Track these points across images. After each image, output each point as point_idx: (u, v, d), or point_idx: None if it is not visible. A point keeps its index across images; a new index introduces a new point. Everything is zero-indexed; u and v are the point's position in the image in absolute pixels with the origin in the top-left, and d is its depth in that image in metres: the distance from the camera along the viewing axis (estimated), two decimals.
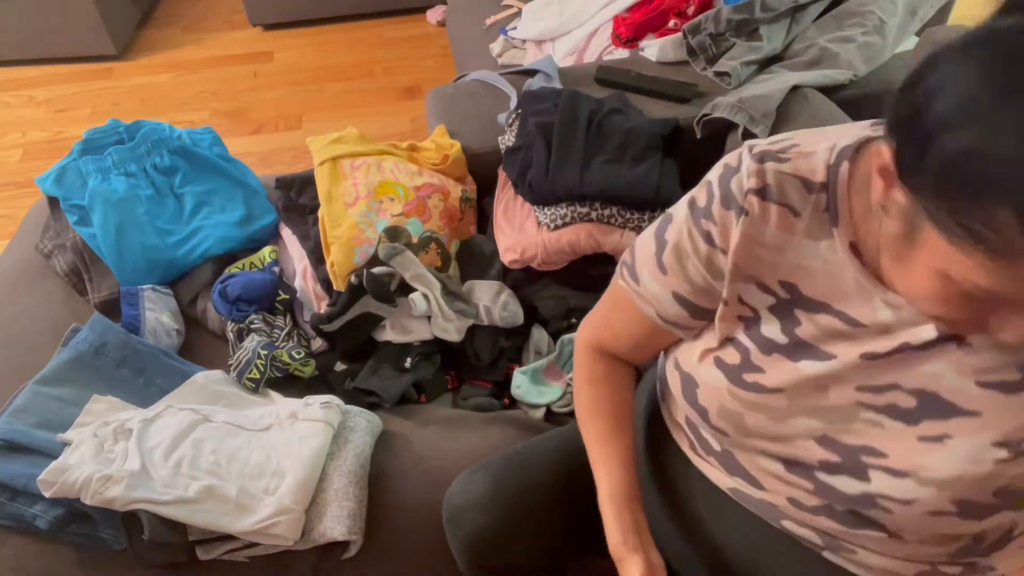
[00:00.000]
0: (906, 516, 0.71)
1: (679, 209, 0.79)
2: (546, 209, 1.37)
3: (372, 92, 2.81)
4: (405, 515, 1.09)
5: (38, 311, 1.35)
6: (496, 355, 1.31)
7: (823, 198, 0.70)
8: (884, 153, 0.59)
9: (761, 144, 0.74)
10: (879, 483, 0.71)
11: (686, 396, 0.83)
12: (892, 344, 0.69)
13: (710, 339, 0.80)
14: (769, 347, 0.75)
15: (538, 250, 1.36)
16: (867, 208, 0.69)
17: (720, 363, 0.79)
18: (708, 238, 0.75)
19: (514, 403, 1.29)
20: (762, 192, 0.71)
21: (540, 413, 1.25)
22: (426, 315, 1.26)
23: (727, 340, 0.78)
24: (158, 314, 1.31)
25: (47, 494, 0.97)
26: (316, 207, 1.43)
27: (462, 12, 2.31)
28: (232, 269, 1.39)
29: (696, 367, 0.81)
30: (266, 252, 1.41)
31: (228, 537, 1.02)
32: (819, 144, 0.72)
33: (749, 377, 0.76)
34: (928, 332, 0.68)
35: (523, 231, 1.39)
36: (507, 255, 1.39)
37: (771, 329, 0.75)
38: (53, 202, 1.44)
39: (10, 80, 2.92)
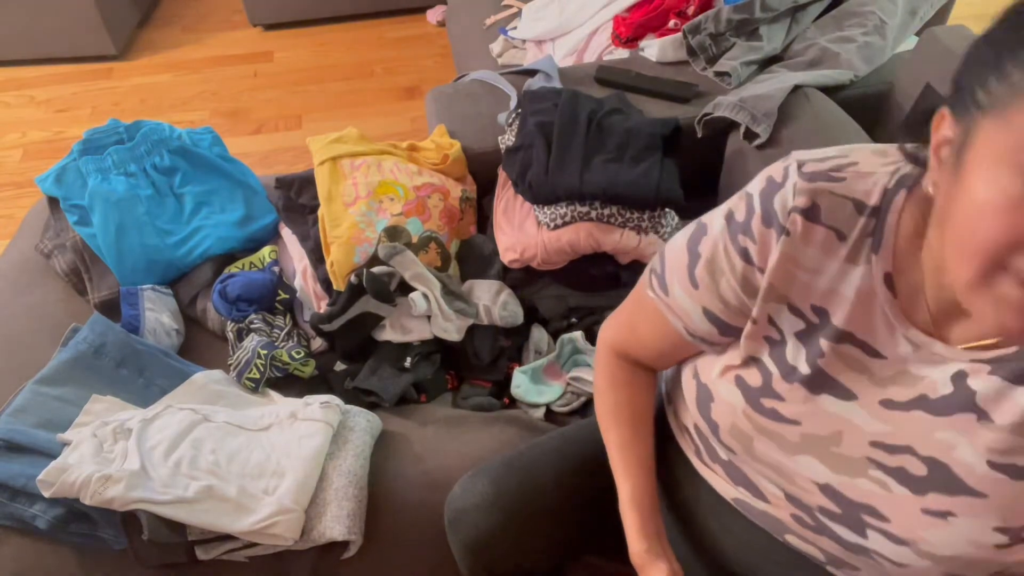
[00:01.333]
0: (897, 573, 0.71)
1: (715, 221, 0.75)
2: (546, 209, 1.37)
3: (372, 92, 2.81)
4: (405, 515, 1.09)
5: (38, 311, 1.35)
6: (496, 355, 1.31)
7: (872, 223, 0.67)
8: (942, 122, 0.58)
9: (812, 160, 0.69)
10: (875, 543, 0.70)
11: (700, 407, 0.81)
12: (911, 394, 0.67)
13: (734, 356, 0.78)
14: (792, 375, 0.73)
15: (538, 250, 1.36)
16: (915, 242, 0.66)
17: (740, 382, 0.76)
18: (745, 255, 0.72)
19: (514, 403, 1.29)
20: (809, 212, 0.68)
21: (540, 413, 1.25)
22: (426, 315, 1.26)
23: (751, 360, 0.76)
24: (158, 314, 1.31)
25: (46, 494, 0.97)
26: (316, 207, 1.43)
27: (462, 12, 2.30)
28: (232, 269, 1.39)
29: (715, 381, 0.79)
30: (266, 252, 1.41)
31: (228, 537, 1.02)
32: (879, 166, 0.68)
33: (767, 402, 0.74)
34: (946, 386, 0.66)
35: (523, 231, 1.39)
36: (507, 255, 1.39)
37: (796, 356, 0.72)
38: (53, 202, 1.44)
39: (10, 80, 2.93)
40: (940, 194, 0.60)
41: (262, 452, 1.08)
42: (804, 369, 0.72)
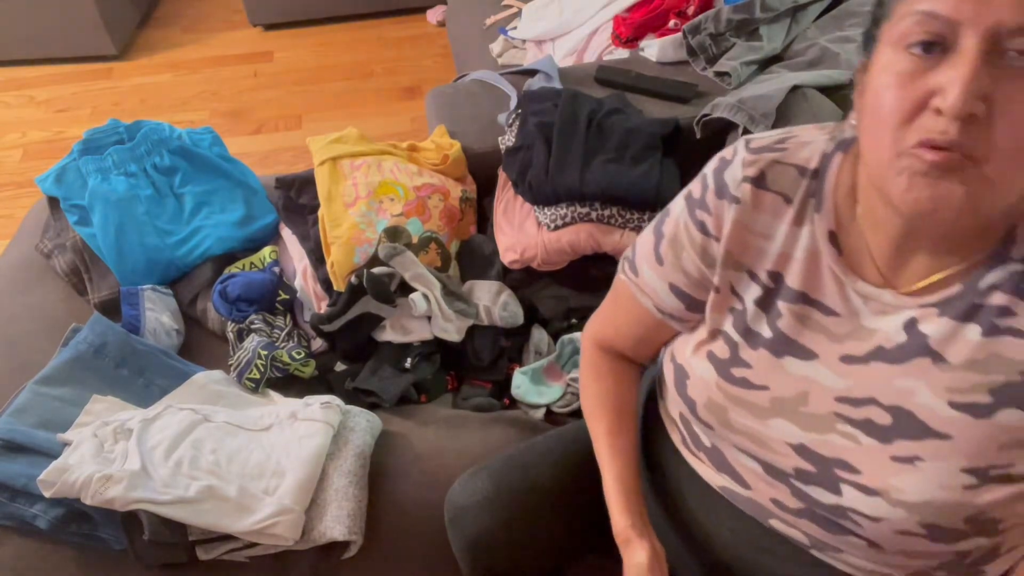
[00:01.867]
0: (876, 532, 0.71)
1: (676, 203, 0.81)
2: (546, 209, 1.37)
3: (372, 92, 2.81)
4: (405, 515, 1.09)
5: (38, 311, 1.35)
6: (496, 355, 1.31)
7: (813, 184, 0.72)
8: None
9: (758, 138, 0.76)
10: (850, 498, 0.71)
11: (678, 387, 0.84)
12: (868, 347, 0.70)
13: (703, 332, 0.81)
14: (755, 341, 0.76)
15: (538, 250, 1.36)
16: (853, 196, 0.70)
17: (712, 356, 0.80)
18: (702, 227, 0.77)
19: (514, 403, 1.29)
20: (757, 180, 0.73)
21: (540, 413, 1.25)
22: (426, 315, 1.26)
23: (718, 332, 0.79)
24: (158, 314, 1.31)
25: (47, 494, 0.97)
26: (316, 207, 1.43)
27: (462, 12, 2.31)
28: (232, 269, 1.39)
29: (689, 359, 0.82)
30: (266, 252, 1.41)
31: (228, 537, 1.02)
32: (818, 135, 0.74)
33: (737, 372, 0.77)
34: (899, 334, 0.68)
35: (523, 231, 1.39)
36: (507, 255, 1.39)
37: (757, 323, 0.76)
38: (53, 202, 1.44)
39: (10, 80, 2.93)
40: (859, 123, 0.64)
41: (262, 452, 1.08)
42: (766, 333, 0.75)
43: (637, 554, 0.82)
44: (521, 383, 1.27)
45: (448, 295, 1.29)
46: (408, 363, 1.26)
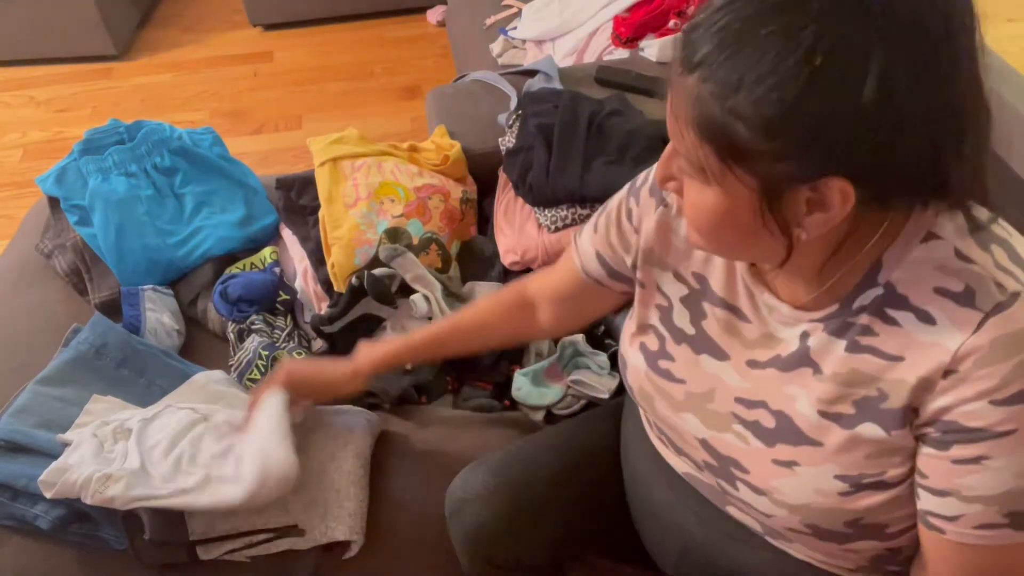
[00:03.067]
0: (771, 526, 0.76)
1: (626, 185, 0.87)
2: (546, 211, 1.37)
3: (372, 92, 2.81)
4: (405, 515, 1.09)
5: (38, 311, 1.35)
6: (496, 356, 1.31)
7: None
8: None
9: None
10: (744, 494, 0.76)
11: (622, 373, 0.89)
12: (770, 354, 0.73)
13: (634, 324, 0.87)
14: (679, 337, 0.80)
15: (538, 252, 1.36)
16: None
17: (643, 348, 0.84)
18: (629, 215, 0.84)
19: (514, 405, 1.29)
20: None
21: (540, 415, 1.25)
22: (427, 316, 1.26)
23: (648, 327, 0.84)
24: (159, 314, 1.31)
25: (48, 495, 0.97)
26: (316, 208, 1.43)
27: (462, 12, 2.31)
28: (232, 270, 1.39)
29: (627, 349, 0.87)
30: (266, 253, 1.41)
31: (229, 537, 1.02)
32: None
33: (663, 364, 0.81)
34: (793, 344, 0.71)
35: (523, 232, 1.39)
36: (507, 256, 1.39)
37: (682, 319, 0.80)
38: (53, 202, 1.44)
39: (10, 80, 2.92)
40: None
41: None
42: (689, 330, 0.80)
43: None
44: (522, 384, 1.27)
45: (449, 296, 1.29)
46: (408, 364, 1.26)
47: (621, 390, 1.20)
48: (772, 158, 0.56)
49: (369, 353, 1.05)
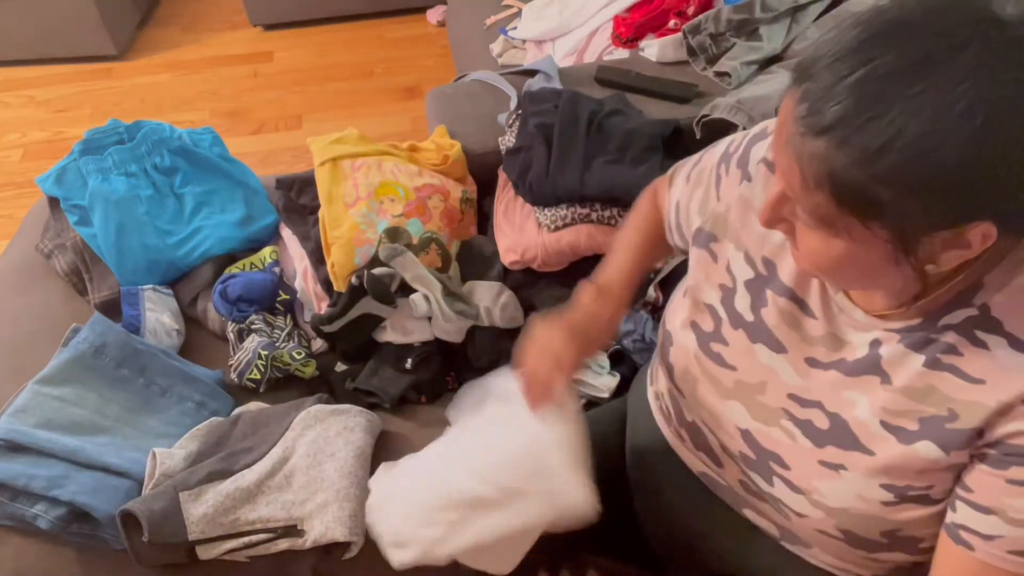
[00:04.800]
0: (800, 526, 0.75)
1: (719, 146, 0.86)
2: (546, 210, 1.37)
3: (372, 92, 2.81)
4: None
5: (38, 311, 1.35)
6: (496, 356, 1.31)
7: None
8: None
9: None
10: (779, 491, 0.75)
11: (662, 352, 0.87)
12: (833, 356, 0.72)
13: (685, 301, 0.85)
14: (737, 321, 0.79)
15: (538, 251, 1.36)
16: None
17: (696, 327, 0.82)
18: (717, 182, 0.82)
19: None
20: (773, 165, 0.73)
21: None
22: (427, 316, 1.26)
23: (705, 306, 0.82)
24: (158, 314, 1.31)
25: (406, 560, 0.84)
26: (316, 208, 1.43)
27: (462, 12, 2.30)
28: (232, 269, 1.39)
29: (677, 329, 0.86)
30: (266, 252, 1.41)
31: (228, 537, 1.02)
32: None
33: (715, 347, 0.80)
34: (863, 349, 0.70)
35: (523, 232, 1.39)
36: (507, 256, 1.39)
37: (743, 304, 0.78)
38: (53, 202, 1.44)
39: (10, 80, 2.92)
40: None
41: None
42: (748, 316, 0.77)
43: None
44: None
45: (448, 296, 1.29)
46: (408, 364, 1.26)
47: (621, 390, 1.20)
48: (917, 213, 0.54)
49: (607, 285, 0.93)
